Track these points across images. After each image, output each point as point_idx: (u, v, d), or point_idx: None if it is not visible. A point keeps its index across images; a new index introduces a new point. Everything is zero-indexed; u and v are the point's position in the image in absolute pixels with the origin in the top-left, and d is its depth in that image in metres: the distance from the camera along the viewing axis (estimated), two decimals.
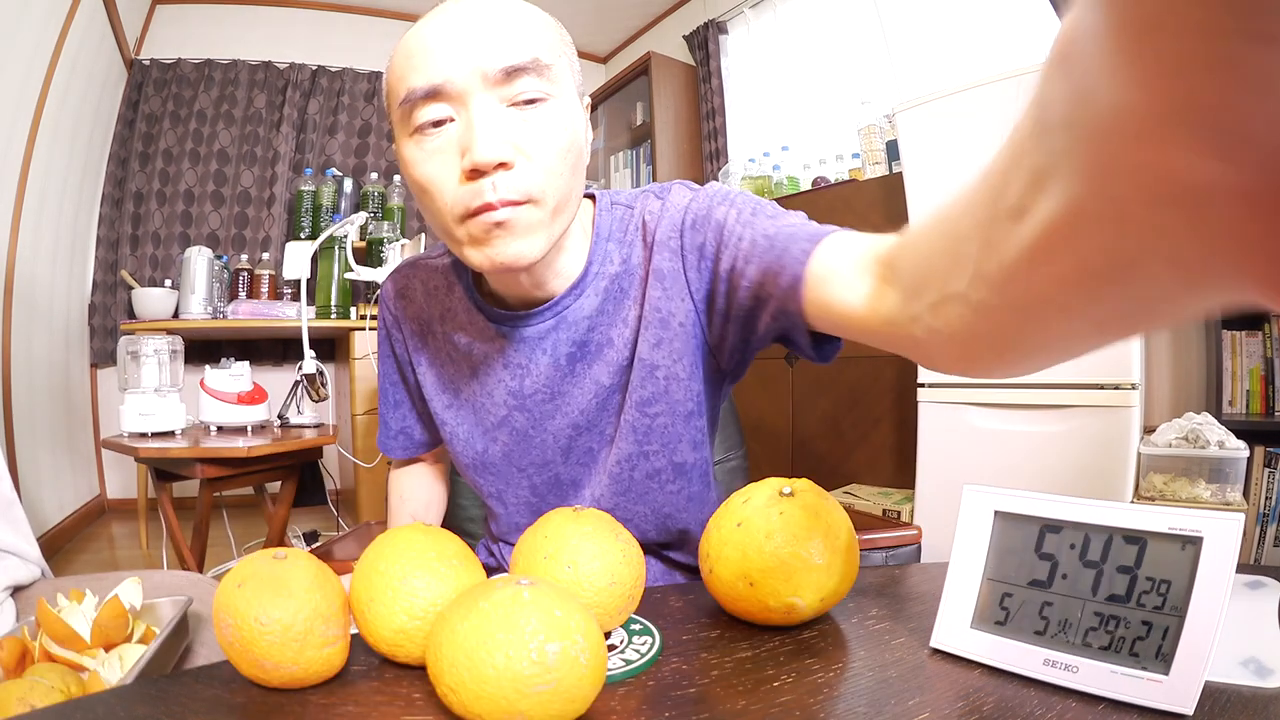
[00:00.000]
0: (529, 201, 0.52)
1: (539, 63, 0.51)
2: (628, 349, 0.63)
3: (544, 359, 0.65)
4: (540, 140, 0.52)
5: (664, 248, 0.61)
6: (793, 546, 0.45)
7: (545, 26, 0.54)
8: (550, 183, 0.53)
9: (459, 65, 0.50)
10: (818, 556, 0.45)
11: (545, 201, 0.53)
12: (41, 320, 2.65)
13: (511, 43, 0.51)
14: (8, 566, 0.77)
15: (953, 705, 0.37)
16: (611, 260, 0.64)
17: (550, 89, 0.52)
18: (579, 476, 0.70)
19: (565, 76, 0.54)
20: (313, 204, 3.34)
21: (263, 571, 0.39)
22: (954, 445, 2.01)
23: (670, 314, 0.61)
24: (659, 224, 0.62)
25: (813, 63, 3.14)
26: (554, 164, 0.53)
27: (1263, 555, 1.81)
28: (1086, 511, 0.41)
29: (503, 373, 0.67)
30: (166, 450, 1.68)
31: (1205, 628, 0.36)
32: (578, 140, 0.55)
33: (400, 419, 0.79)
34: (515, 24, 0.52)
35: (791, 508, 0.47)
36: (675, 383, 0.63)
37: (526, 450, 0.69)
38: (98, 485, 3.21)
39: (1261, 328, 1.96)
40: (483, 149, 0.49)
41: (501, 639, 0.33)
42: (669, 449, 0.65)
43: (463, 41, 0.50)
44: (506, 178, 0.51)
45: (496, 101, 0.51)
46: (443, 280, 0.70)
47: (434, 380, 0.72)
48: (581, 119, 0.57)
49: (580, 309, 0.64)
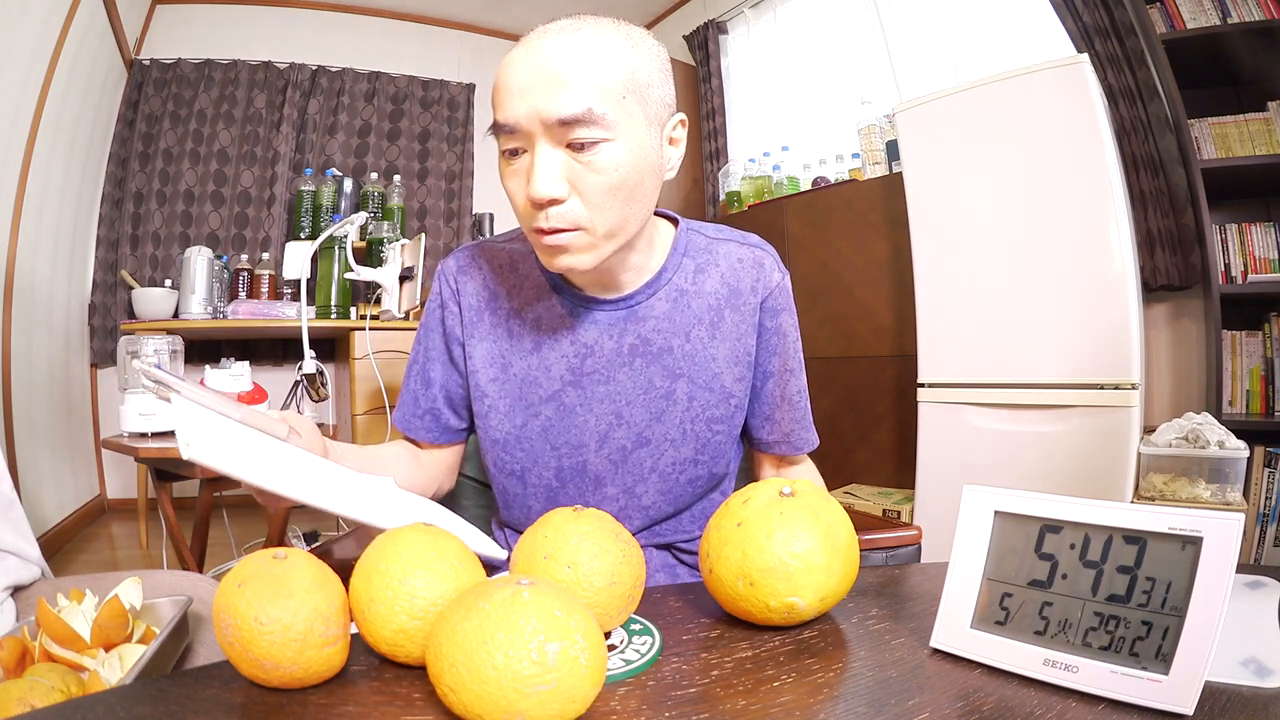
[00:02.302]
0: (578, 229, 0.61)
1: (591, 113, 0.57)
2: (684, 362, 0.73)
3: (609, 343, 0.72)
4: (591, 180, 0.59)
5: (770, 312, 0.76)
6: (792, 546, 0.45)
7: (614, 69, 0.59)
8: (598, 216, 0.61)
9: (524, 112, 0.58)
10: (818, 556, 0.45)
11: (594, 230, 0.61)
12: (41, 320, 2.65)
13: (569, 96, 0.57)
14: (8, 566, 0.77)
15: (953, 705, 0.37)
16: (686, 275, 0.74)
17: (606, 133, 0.59)
18: (603, 472, 0.74)
19: (630, 115, 0.60)
20: (313, 204, 3.34)
21: (263, 571, 0.39)
22: (954, 445, 2.01)
23: (753, 362, 0.76)
24: (771, 292, 0.76)
25: (813, 63, 3.14)
26: (602, 200, 0.60)
27: (1263, 555, 1.81)
28: (1086, 511, 0.41)
29: (568, 348, 0.73)
30: (167, 450, 1.68)
31: (1205, 628, 0.36)
32: (632, 175, 0.61)
33: (430, 399, 0.79)
34: (577, 74, 0.58)
35: (791, 508, 0.47)
36: (740, 412, 0.77)
37: (568, 428, 0.73)
38: (98, 485, 3.21)
39: (1261, 328, 1.96)
40: (537, 187, 0.58)
41: (501, 639, 0.33)
42: (714, 460, 0.76)
43: (528, 91, 0.58)
44: (558, 210, 0.60)
45: (555, 144, 0.59)
46: (509, 260, 0.77)
47: (485, 352, 0.75)
48: (648, 150, 0.62)
49: (651, 308, 0.73)
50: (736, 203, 3.10)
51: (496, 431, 0.75)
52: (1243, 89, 2.03)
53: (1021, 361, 1.89)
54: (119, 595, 0.58)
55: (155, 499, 1.92)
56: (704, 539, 0.50)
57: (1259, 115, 1.94)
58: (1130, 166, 2.11)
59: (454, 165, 3.94)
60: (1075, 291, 1.79)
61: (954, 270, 2.01)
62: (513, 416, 0.74)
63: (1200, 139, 1.98)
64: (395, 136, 3.83)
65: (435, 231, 3.85)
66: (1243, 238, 1.99)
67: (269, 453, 0.54)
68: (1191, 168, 1.94)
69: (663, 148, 0.65)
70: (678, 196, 3.57)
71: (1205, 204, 1.93)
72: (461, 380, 0.78)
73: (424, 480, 0.80)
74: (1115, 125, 2.03)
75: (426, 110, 3.89)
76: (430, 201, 3.87)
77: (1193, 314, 2.17)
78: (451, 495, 0.90)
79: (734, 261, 0.76)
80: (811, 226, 2.68)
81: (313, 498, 0.51)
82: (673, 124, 0.66)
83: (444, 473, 0.83)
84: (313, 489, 0.52)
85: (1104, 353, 1.76)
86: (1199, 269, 2.05)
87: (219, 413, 0.52)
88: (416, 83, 3.86)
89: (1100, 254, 1.76)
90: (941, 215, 2.03)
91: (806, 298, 2.68)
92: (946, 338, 2.03)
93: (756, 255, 0.76)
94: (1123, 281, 1.74)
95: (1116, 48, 2.12)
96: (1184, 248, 2.09)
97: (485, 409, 0.75)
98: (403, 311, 2.38)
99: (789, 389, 0.78)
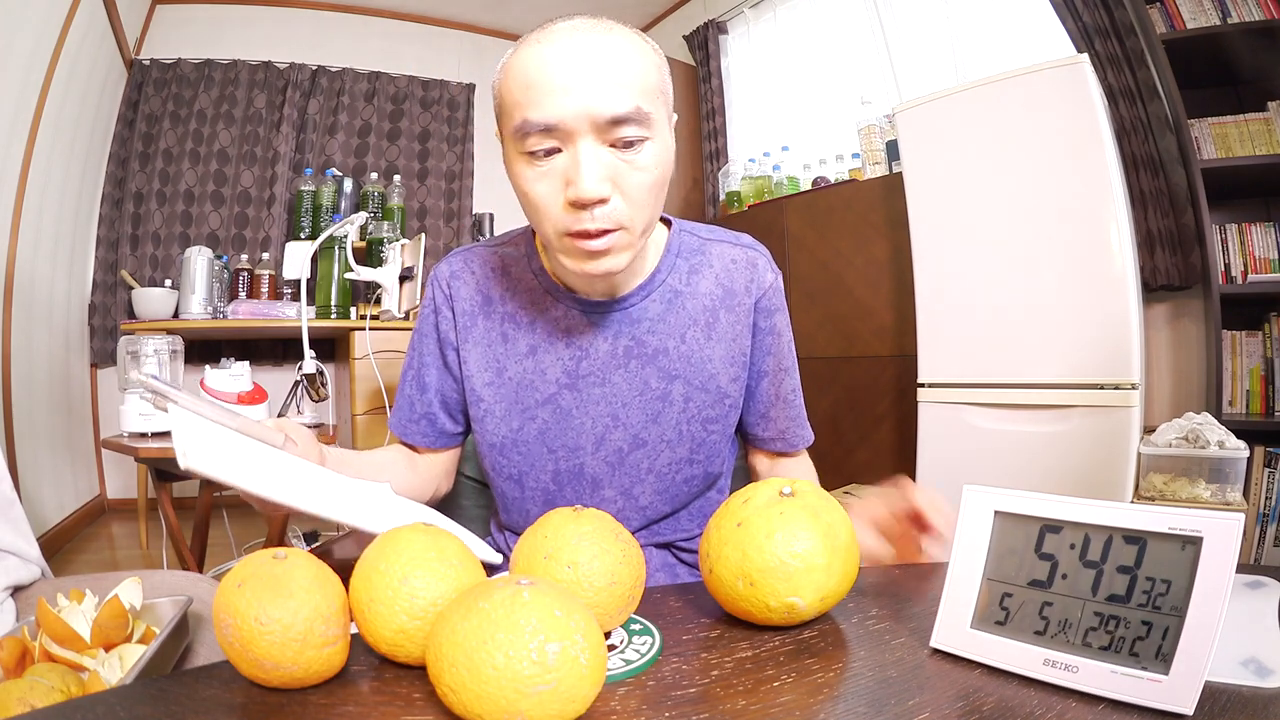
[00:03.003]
0: (620, 229, 0.61)
1: (640, 111, 0.58)
2: (679, 364, 0.73)
3: (604, 346, 0.73)
4: (636, 179, 0.60)
5: (764, 312, 0.77)
6: (792, 546, 0.45)
7: (649, 69, 0.60)
8: (639, 214, 0.61)
9: (571, 111, 0.56)
10: (818, 557, 0.45)
11: (635, 228, 0.62)
12: (41, 320, 2.65)
13: (619, 93, 0.57)
14: (8, 566, 0.77)
15: (953, 705, 0.37)
16: (680, 276, 0.74)
17: (648, 132, 0.59)
18: (600, 475, 0.74)
19: (660, 114, 0.61)
20: (313, 204, 3.34)
21: (263, 571, 0.39)
22: (954, 445, 2.01)
23: (748, 362, 0.77)
24: (765, 292, 0.77)
25: (813, 62, 3.14)
26: (644, 198, 0.61)
27: (1263, 555, 1.81)
28: (1086, 511, 0.41)
29: (563, 351, 0.73)
30: (166, 450, 1.68)
31: (1205, 628, 0.36)
32: (667, 173, 0.63)
33: (426, 404, 0.79)
34: (624, 71, 0.57)
35: (791, 508, 0.47)
36: (735, 411, 0.77)
37: (564, 430, 0.73)
38: (98, 485, 3.20)
39: (1261, 328, 1.96)
40: (586, 187, 0.57)
41: (501, 639, 0.33)
42: (709, 460, 0.77)
43: (576, 88, 0.56)
44: (604, 210, 0.59)
45: (600, 142, 0.58)
46: (502, 264, 0.77)
47: (479, 357, 0.75)
48: (670, 149, 0.63)
49: (645, 310, 0.73)
50: (736, 203, 3.10)
51: (493, 436, 0.75)
52: (1243, 89, 2.03)
53: (1021, 361, 1.89)
54: (119, 595, 0.58)
55: (155, 499, 1.92)
56: (704, 539, 0.50)
57: (1259, 115, 1.94)
58: (1130, 166, 2.11)
59: (454, 165, 3.94)
60: (1075, 291, 1.79)
61: (954, 270, 2.01)
62: (509, 420, 0.74)
63: (1200, 139, 1.98)
64: (395, 136, 3.83)
65: (435, 231, 3.85)
66: (1243, 238, 1.99)
67: (266, 461, 0.54)
68: (1191, 168, 1.94)
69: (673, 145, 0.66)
70: (677, 196, 3.57)
71: (1205, 204, 1.93)
72: (456, 385, 0.78)
73: (421, 484, 0.80)
74: (1115, 125, 2.03)
75: (426, 110, 3.89)
76: (430, 201, 3.87)
77: (1193, 314, 2.17)
78: (450, 495, 0.90)
79: (728, 262, 0.76)
80: (811, 226, 2.68)
81: (309, 505, 0.52)
82: (674, 119, 0.67)
83: (441, 476, 0.83)
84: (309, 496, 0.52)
85: (1104, 353, 1.76)
86: (1199, 269, 2.05)
87: (216, 422, 0.52)
88: (416, 83, 3.86)
89: (1100, 254, 1.76)
90: (941, 215, 2.03)
91: (806, 298, 2.68)
92: (946, 338, 2.03)
93: (750, 256, 0.77)
94: (1123, 281, 1.74)
95: (1116, 48, 2.12)
96: (1184, 248, 2.09)
97: (481, 413, 0.76)
98: (403, 311, 2.38)
99: (784, 387, 0.79)
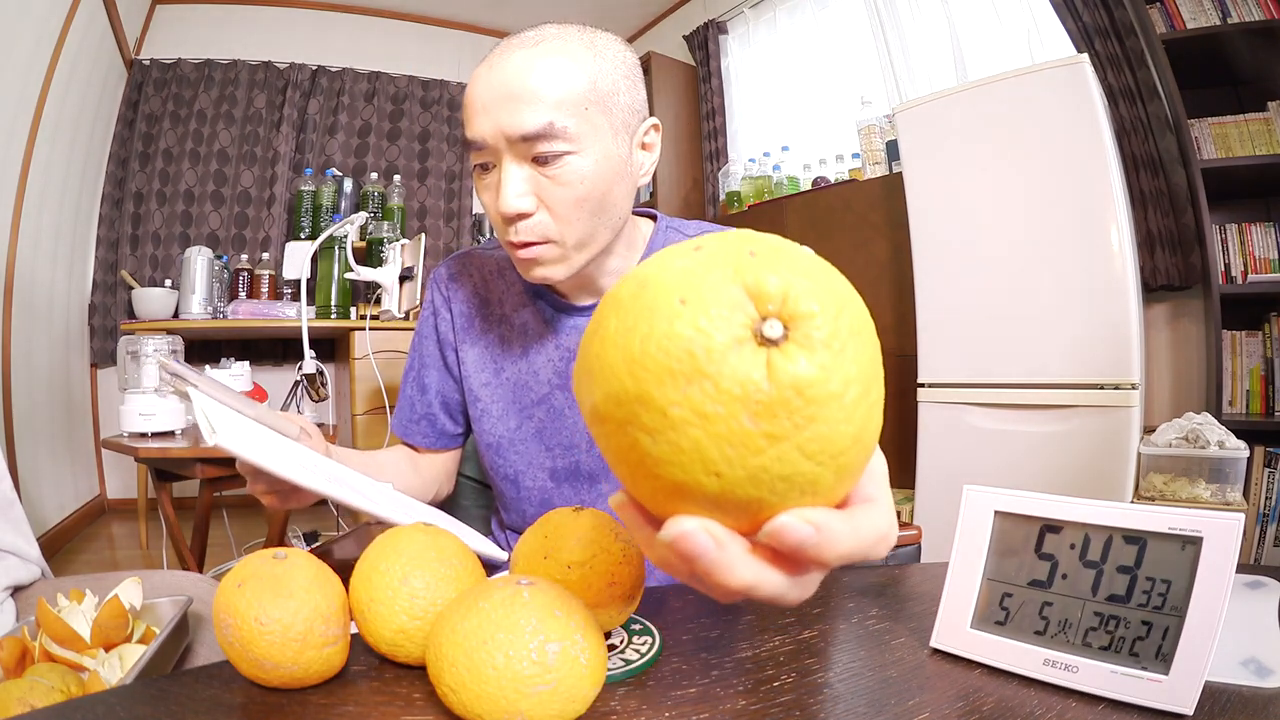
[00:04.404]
0: (548, 242, 0.61)
1: (553, 127, 0.58)
2: None
3: None
4: (558, 193, 0.60)
5: None
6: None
7: (570, 84, 0.58)
8: (567, 228, 0.61)
9: (489, 129, 0.59)
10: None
11: (565, 241, 0.62)
12: (41, 320, 2.65)
13: (530, 111, 0.57)
14: (8, 566, 0.77)
15: (953, 705, 0.37)
16: None
17: (569, 146, 0.59)
18: (596, 470, 0.75)
19: (594, 126, 0.60)
20: (313, 204, 3.34)
21: (263, 571, 0.39)
22: (954, 445, 2.01)
23: None
24: None
25: (813, 63, 3.14)
26: (569, 213, 0.61)
27: (1263, 555, 1.81)
28: (1086, 511, 0.41)
29: (553, 352, 0.74)
30: (166, 450, 1.68)
31: (1205, 628, 0.36)
32: (599, 186, 0.61)
33: (426, 405, 0.81)
34: (540, 88, 0.57)
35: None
36: None
37: (559, 429, 0.75)
38: (98, 485, 3.20)
39: (1261, 328, 1.96)
40: (504, 203, 0.59)
41: (501, 639, 0.33)
42: None
43: (490, 108, 0.58)
44: (527, 224, 0.60)
45: (520, 159, 0.59)
46: (497, 266, 0.78)
47: (476, 357, 0.77)
48: (615, 159, 0.62)
49: None
50: (737, 203, 3.10)
51: (491, 435, 0.77)
52: (1243, 89, 2.03)
53: (1021, 361, 1.89)
54: (119, 595, 0.58)
55: (155, 499, 1.92)
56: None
57: (1259, 115, 1.94)
58: (1130, 166, 2.11)
59: (454, 165, 3.94)
60: (1075, 291, 1.79)
61: (954, 270, 2.01)
62: (506, 420, 0.76)
63: (1200, 139, 1.98)
64: (395, 136, 3.83)
65: (435, 231, 3.85)
66: (1243, 238, 1.99)
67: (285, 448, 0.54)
68: (1191, 168, 1.94)
69: (633, 154, 0.65)
70: (677, 196, 3.57)
71: (1205, 204, 1.93)
72: (456, 385, 0.80)
73: (422, 485, 0.80)
74: (1115, 125, 2.03)
75: (426, 110, 3.89)
76: (430, 201, 3.87)
77: (1193, 314, 2.17)
78: (451, 496, 0.91)
79: None
80: (811, 226, 2.68)
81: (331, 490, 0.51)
82: (644, 129, 0.66)
83: (442, 477, 0.84)
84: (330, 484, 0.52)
85: (1104, 353, 1.76)
86: (1199, 269, 2.05)
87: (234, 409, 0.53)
88: (416, 83, 3.86)
89: (1100, 254, 1.76)
90: (941, 215, 2.03)
91: None
92: (946, 338, 2.03)
93: None
94: (1123, 281, 1.74)
95: (1116, 48, 2.12)
96: (1184, 248, 2.09)
97: (479, 413, 0.77)
98: (403, 311, 2.38)
99: None
